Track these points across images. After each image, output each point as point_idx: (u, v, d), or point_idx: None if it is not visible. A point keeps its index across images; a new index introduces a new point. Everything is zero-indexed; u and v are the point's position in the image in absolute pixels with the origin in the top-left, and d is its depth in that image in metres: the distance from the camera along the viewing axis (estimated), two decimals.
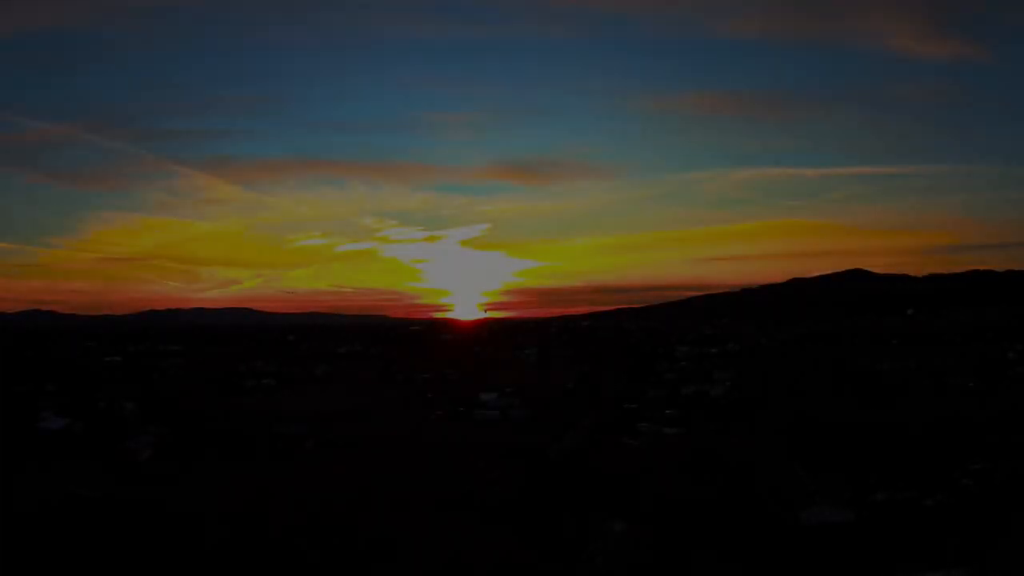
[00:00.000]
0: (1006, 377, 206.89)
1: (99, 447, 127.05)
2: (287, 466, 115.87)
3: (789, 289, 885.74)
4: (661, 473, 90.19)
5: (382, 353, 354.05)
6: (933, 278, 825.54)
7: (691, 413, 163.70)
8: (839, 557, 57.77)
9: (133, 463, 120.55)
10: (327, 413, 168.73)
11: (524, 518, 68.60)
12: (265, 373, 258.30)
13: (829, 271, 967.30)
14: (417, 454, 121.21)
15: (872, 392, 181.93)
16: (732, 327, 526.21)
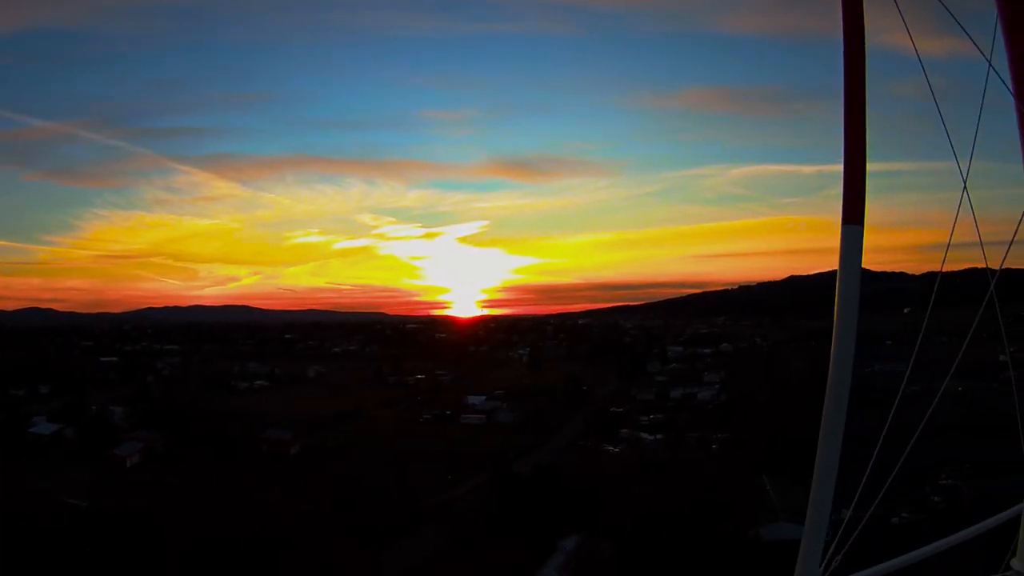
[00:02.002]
0: (996, 381, 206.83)
1: (89, 453, 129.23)
2: (271, 472, 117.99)
3: (786, 287, 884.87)
4: (632, 484, 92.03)
5: (376, 353, 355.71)
6: (930, 276, 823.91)
7: (677, 418, 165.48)
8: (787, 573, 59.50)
9: (122, 469, 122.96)
10: (315, 416, 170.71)
11: (490, 531, 70.64)
12: (258, 374, 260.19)
13: (827, 269, 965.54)
14: (398, 461, 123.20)
15: (859, 398, 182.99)
16: (728, 326, 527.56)
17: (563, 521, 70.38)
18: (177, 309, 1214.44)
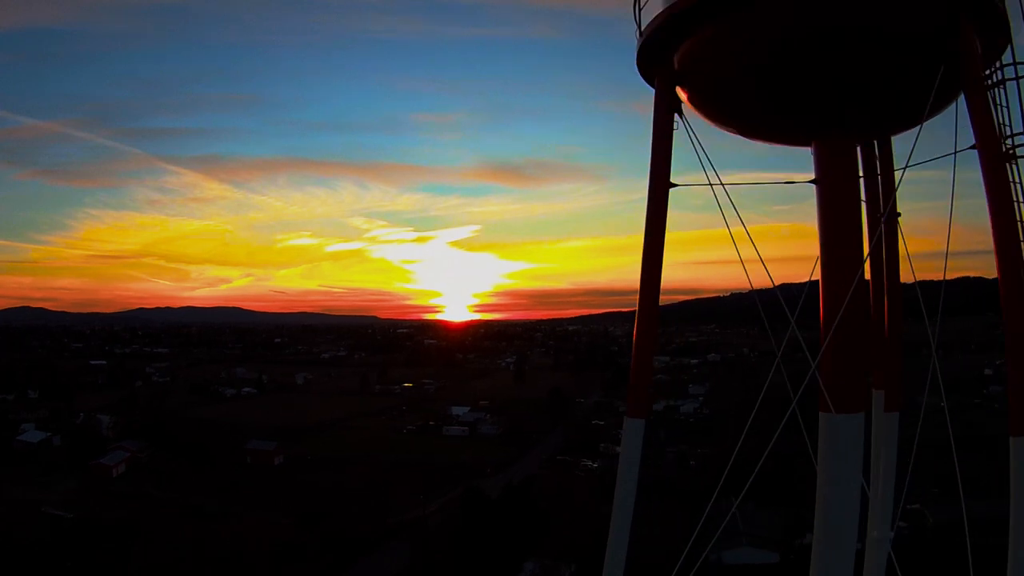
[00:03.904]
0: (980, 395, 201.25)
1: (76, 462, 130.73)
2: (254, 483, 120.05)
3: (778, 295, 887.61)
4: (602, 503, 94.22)
5: (365, 359, 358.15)
6: (922, 284, 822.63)
7: (657, 432, 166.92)
8: None
9: (107, 479, 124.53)
10: (300, 426, 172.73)
11: (456, 552, 73.02)
12: (246, 381, 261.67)
13: (818, 276, 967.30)
14: (377, 474, 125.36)
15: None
16: (719, 334, 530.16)
17: (529, 542, 72.55)
18: (169, 310, 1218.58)
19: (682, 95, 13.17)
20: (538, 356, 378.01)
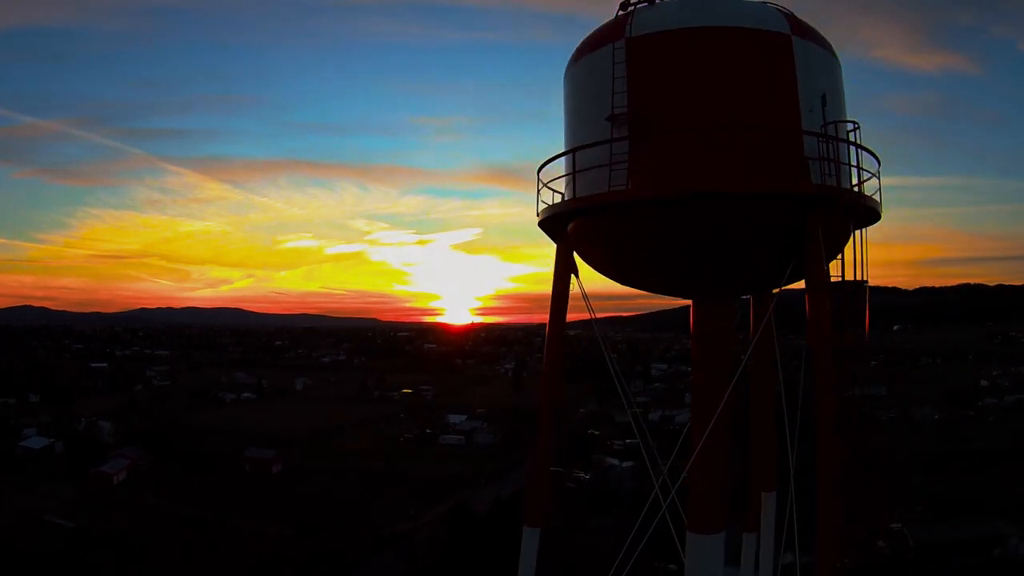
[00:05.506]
0: (974, 407, 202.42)
1: (77, 469, 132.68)
2: (251, 490, 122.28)
3: (776, 301, 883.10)
4: (590, 517, 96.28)
5: (364, 364, 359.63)
6: (923, 292, 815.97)
7: (649, 444, 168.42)
8: None
9: (108, 486, 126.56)
10: (298, 433, 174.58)
11: (444, 567, 75.17)
12: (245, 385, 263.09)
13: None
14: (374, 483, 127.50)
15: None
16: None
17: (508, 560, 74.12)
18: (171, 310, 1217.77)
19: (578, 255, 15.45)
20: (537, 362, 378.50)
